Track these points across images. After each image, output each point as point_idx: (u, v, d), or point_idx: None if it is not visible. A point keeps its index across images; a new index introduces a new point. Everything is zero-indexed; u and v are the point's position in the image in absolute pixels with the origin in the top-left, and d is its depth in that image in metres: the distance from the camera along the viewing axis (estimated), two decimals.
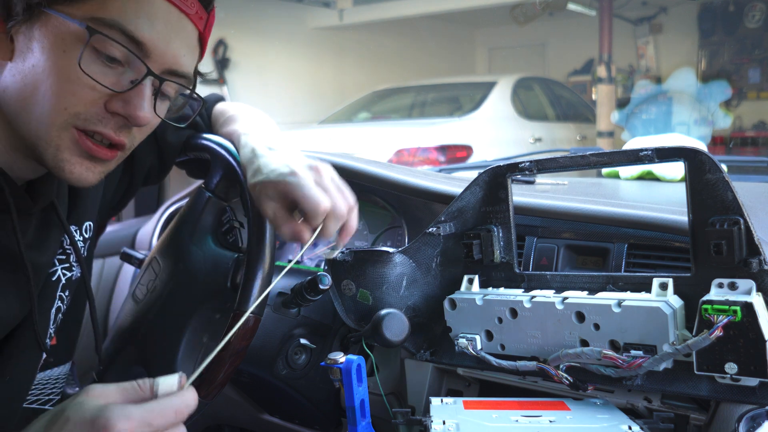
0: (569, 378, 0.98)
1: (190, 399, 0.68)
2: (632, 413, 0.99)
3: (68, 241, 1.02)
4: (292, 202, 0.93)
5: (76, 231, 1.04)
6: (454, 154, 5.42)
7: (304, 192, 0.91)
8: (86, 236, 1.07)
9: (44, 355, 0.98)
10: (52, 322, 1.00)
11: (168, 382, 0.69)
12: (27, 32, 0.81)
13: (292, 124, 7.57)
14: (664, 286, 0.94)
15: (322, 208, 0.91)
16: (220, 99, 1.28)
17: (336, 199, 0.93)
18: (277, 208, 0.94)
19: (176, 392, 0.68)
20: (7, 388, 0.92)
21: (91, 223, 1.08)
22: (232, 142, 1.12)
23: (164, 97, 0.90)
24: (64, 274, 1.02)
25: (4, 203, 0.87)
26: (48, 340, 1.00)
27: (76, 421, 0.64)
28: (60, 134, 0.82)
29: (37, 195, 0.93)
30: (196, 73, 0.96)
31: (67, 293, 1.04)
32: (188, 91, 0.94)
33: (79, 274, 1.05)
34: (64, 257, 1.02)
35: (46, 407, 1.05)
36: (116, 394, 0.68)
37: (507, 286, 1.10)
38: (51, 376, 1.04)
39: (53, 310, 1.00)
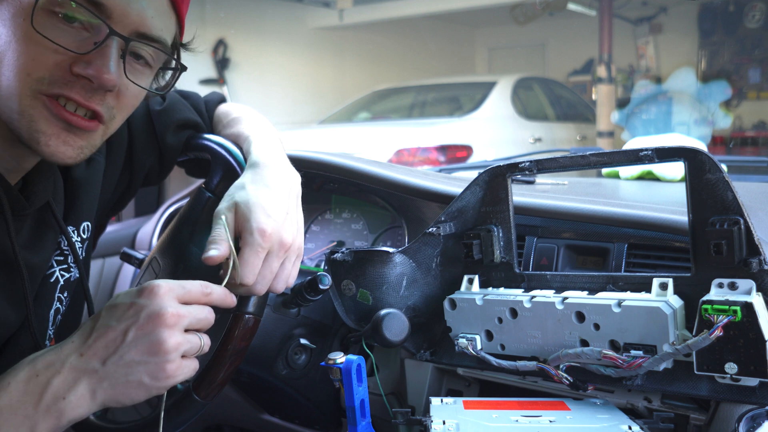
0: (569, 378, 0.98)
1: (213, 287, 0.87)
2: (632, 413, 0.99)
3: (66, 242, 1.02)
4: (238, 235, 0.94)
5: (73, 231, 1.04)
6: (454, 154, 5.42)
7: (249, 256, 0.91)
8: (84, 236, 1.07)
9: None
10: (51, 324, 1.00)
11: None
12: None
13: (292, 124, 7.57)
14: (664, 286, 0.94)
15: (246, 279, 0.91)
16: (223, 100, 1.28)
17: (261, 281, 0.94)
18: (230, 221, 0.94)
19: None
20: None
21: (88, 224, 1.08)
22: (238, 144, 1.11)
23: (140, 62, 0.88)
24: (63, 275, 1.02)
25: None
26: (47, 342, 0.99)
27: (125, 292, 0.83)
28: (31, 103, 0.80)
29: (32, 195, 0.92)
30: (178, 44, 0.94)
31: (66, 294, 1.03)
32: (174, 63, 0.92)
33: (77, 275, 1.05)
34: (62, 258, 1.02)
35: None
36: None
37: (507, 286, 1.10)
38: None
39: (52, 312, 1.00)
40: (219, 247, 0.91)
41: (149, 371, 0.79)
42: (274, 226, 0.93)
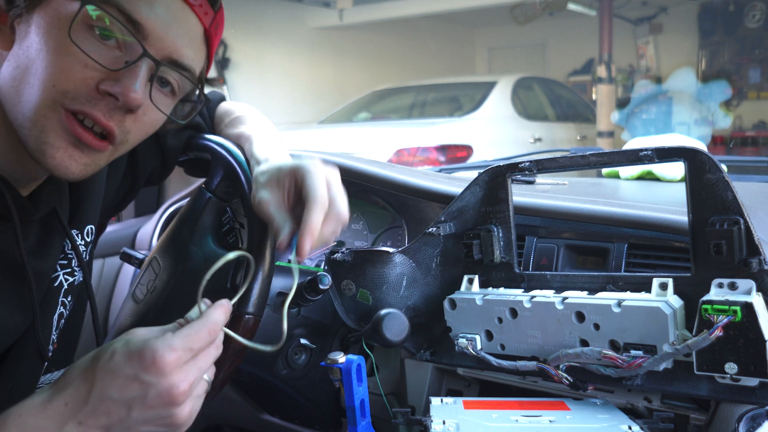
0: (569, 378, 0.98)
1: (216, 315, 0.78)
2: (632, 413, 0.99)
3: (70, 245, 1.02)
4: (296, 193, 0.91)
5: (77, 235, 1.04)
6: (454, 154, 5.42)
7: (313, 179, 0.89)
8: (88, 240, 1.07)
9: (46, 363, 0.98)
10: (54, 329, 1.00)
11: (200, 309, 0.80)
12: (27, 19, 0.81)
13: (292, 124, 7.57)
14: (664, 286, 0.94)
15: (320, 196, 0.88)
16: (223, 99, 1.28)
17: (338, 199, 0.91)
18: (276, 195, 0.92)
19: (202, 315, 0.78)
20: (8, 396, 0.91)
21: (92, 227, 1.08)
22: (240, 144, 1.11)
23: (165, 89, 0.88)
24: (66, 279, 1.02)
25: (5, 210, 0.86)
26: (50, 346, 0.99)
27: (122, 353, 0.73)
28: (46, 113, 0.79)
29: (38, 201, 0.92)
30: (203, 78, 0.95)
31: (69, 298, 1.03)
32: (197, 94, 0.92)
33: (81, 279, 1.04)
34: (65, 262, 1.02)
35: None
36: (158, 334, 0.76)
37: (507, 286, 1.10)
38: (51, 380, 1.04)
39: (56, 316, 1.00)
40: (286, 226, 0.89)
41: None
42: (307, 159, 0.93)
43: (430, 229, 1.17)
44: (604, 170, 1.80)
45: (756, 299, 0.85)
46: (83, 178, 0.85)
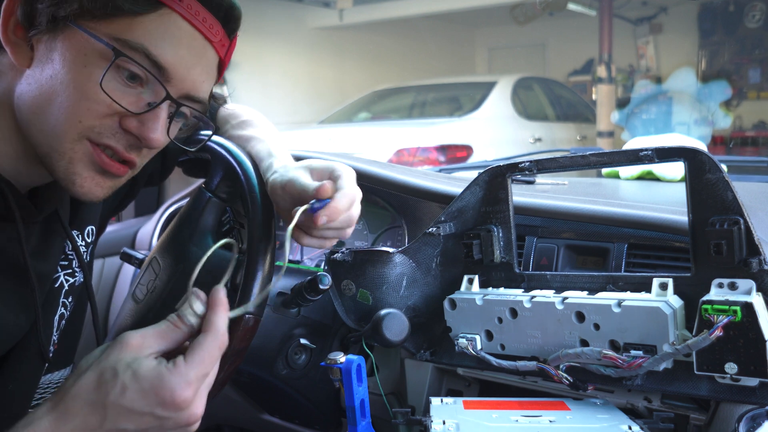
0: (569, 378, 0.98)
1: (221, 325, 0.75)
2: (632, 413, 0.99)
3: (70, 246, 1.02)
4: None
5: (78, 236, 1.04)
6: (454, 154, 5.42)
7: (348, 178, 0.91)
8: (88, 241, 1.07)
9: (47, 364, 0.98)
10: (55, 329, 1.00)
11: (194, 308, 0.76)
12: (49, 42, 0.81)
13: (292, 124, 7.57)
14: (664, 286, 0.94)
15: (351, 191, 0.90)
16: (224, 101, 1.28)
17: (356, 206, 0.93)
18: (308, 175, 0.94)
19: (210, 330, 0.75)
20: (9, 397, 0.92)
21: (93, 228, 1.08)
22: (251, 145, 1.12)
23: (178, 119, 0.90)
24: (67, 280, 1.02)
25: (8, 212, 0.86)
26: (51, 347, 0.99)
27: (135, 390, 0.70)
28: (73, 146, 0.82)
29: (40, 203, 0.92)
30: (211, 96, 0.96)
31: (70, 299, 1.03)
32: (202, 113, 0.94)
33: (81, 280, 1.05)
34: (66, 263, 1.02)
35: None
36: (155, 341, 0.74)
37: (507, 286, 1.10)
38: (51, 380, 1.04)
39: (56, 317, 1.00)
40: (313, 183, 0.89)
41: None
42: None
43: (430, 229, 1.16)
44: (604, 170, 1.80)
45: (756, 299, 0.85)
46: (104, 198, 0.88)
